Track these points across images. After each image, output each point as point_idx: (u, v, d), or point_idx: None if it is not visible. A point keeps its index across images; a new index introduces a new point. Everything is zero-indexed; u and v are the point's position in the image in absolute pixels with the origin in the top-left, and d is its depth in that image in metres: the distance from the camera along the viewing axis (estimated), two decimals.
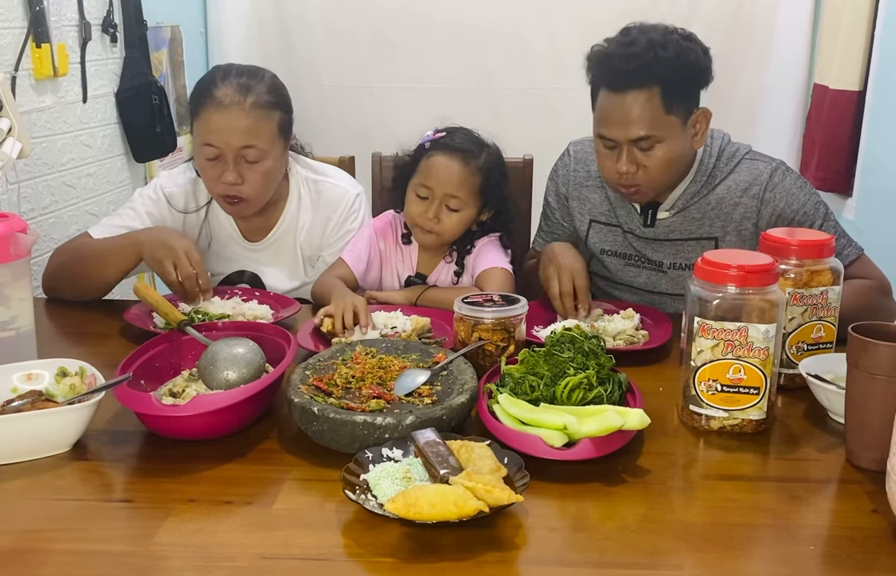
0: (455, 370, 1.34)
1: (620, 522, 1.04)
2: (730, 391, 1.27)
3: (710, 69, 1.70)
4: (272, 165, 1.85)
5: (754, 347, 1.25)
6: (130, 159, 2.72)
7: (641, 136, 1.65)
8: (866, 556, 0.98)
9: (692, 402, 1.30)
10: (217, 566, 0.95)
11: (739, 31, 3.27)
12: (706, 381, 1.28)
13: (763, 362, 1.25)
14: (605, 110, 1.69)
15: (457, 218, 1.84)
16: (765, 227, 1.71)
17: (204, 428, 1.21)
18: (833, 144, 2.99)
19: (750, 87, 3.31)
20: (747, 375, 1.26)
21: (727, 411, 1.28)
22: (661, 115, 1.64)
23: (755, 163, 1.77)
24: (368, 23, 3.38)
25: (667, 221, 1.80)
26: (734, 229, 1.76)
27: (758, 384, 1.26)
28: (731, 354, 1.26)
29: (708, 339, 1.27)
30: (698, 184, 1.77)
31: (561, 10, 3.21)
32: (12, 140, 1.57)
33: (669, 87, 1.64)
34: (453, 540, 0.98)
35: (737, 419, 1.28)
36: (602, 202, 1.89)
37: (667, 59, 1.63)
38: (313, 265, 1.99)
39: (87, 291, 1.84)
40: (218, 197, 1.88)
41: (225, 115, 1.78)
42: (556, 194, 1.96)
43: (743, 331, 1.24)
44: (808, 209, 1.71)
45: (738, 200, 1.75)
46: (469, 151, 1.84)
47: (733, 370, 1.26)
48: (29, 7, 2.17)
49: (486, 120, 1.95)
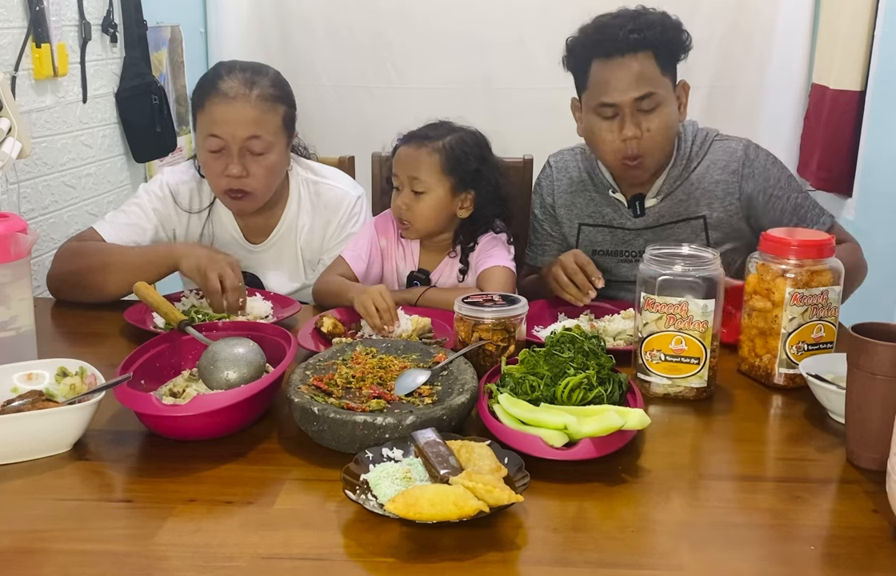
0: (455, 370, 1.34)
1: (620, 522, 1.04)
2: (672, 361, 1.37)
3: (688, 42, 1.79)
4: (276, 159, 1.85)
5: (694, 321, 1.35)
6: (130, 159, 2.72)
7: (644, 94, 1.71)
8: (866, 556, 0.97)
9: (640, 370, 1.41)
10: (217, 566, 0.95)
11: (739, 32, 3.27)
12: (651, 351, 1.38)
13: (702, 334, 1.35)
14: (605, 78, 1.74)
15: (426, 201, 1.83)
16: (746, 201, 1.82)
17: (204, 428, 1.21)
18: (833, 145, 2.98)
19: (750, 87, 3.31)
20: (688, 345, 1.36)
21: (670, 379, 1.38)
22: (658, 75, 1.73)
23: (726, 142, 1.86)
24: (368, 23, 3.38)
25: (655, 207, 1.85)
26: (719, 206, 1.82)
27: (698, 355, 1.36)
28: (672, 326, 1.36)
29: (652, 312, 1.38)
30: (679, 167, 1.84)
31: (560, 11, 3.20)
32: (12, 140, 1.57)
33: (661, 51, 1.73)
34: (453, 540, 0.98)
35: (679, 387, 1.38)
36: (588, 204, 1.92)
37: (655, 24, 1.74)
38: (314, 268, 1.99)
39: (100, 296, 1.81)
40: (221, 193, 1.87)
41: (230, 106, 1.78)
42: (541, 206, 2.00)
43: (683, 305, 1.35)
44: (783, 183, 1.81)
45: (719, 177, 1.83)
46: (427, 135, 1.85)
47: (675, 341, 1.37)
48: (29, 7, 2.16)
49: (485, 120, 1.95)
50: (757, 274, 1.44)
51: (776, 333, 1.40)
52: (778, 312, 1.39)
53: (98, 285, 1.80)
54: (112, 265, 1.80)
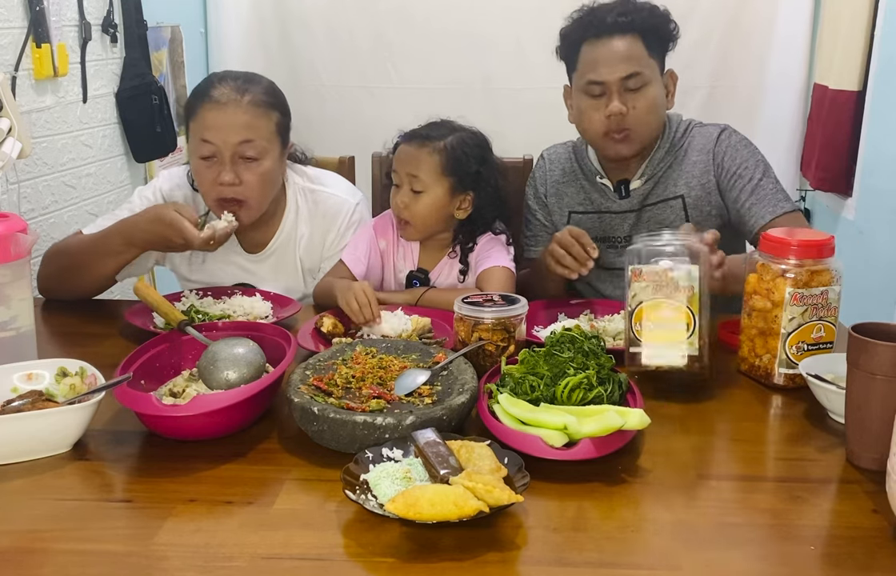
0: (455, 370, 1.34)
1: (620, 522, 1.04)
2: (662, 329, 1.38)
3: (676, 32, 1.86)
4: (270, 167, 1.82)
5: (680, 287, 1.37)
6: (130, 159, 2.72)
7: (630, 73, 1.78)
8: (866, 556, 0.97)
9: (632, 343, 1.41)
10: (217, 566, 0.95)
11: (739, 32, 3.27)
12: (641, 320, 1.40)
13: (689, 300, 1.37)
14: (593, 57, 1.82)
15: (424, 200, 1.83)
16: (716, 180, 1.88)
17: (204, 428, 1.22)
18: (832, 144, 2.98)
19: (750, 88, 3.31)
20: (676, 312, 1.38)
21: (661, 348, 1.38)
22: (645, 56, 1.80)
23: (706, 127, 1.94)
24: (368, 23, 3.38)
25: (639, 189, 1.91)
26: (697, 184, 1.89)
27: (686, 320, 1.37)
28: (660, 293, 1.38)
29: (640, 282, 1.40)
30: (663, 151, 1.91)
31: (559, 11, 3.21)
32: (12, 140, 1.57)
33: (648, 35, 1.81)
34: (453, 540, 0.98)
35: (671, 359, 1.37)
36: (577, 193, 1.98)
37: (643, 9, 1.83)
38: (314, 276, 1.97)
39: (81, 289, 1.82)
40: (214, 202, 1.82)
41: (222, 112, 1.76)
42: (535, 196, 2.05)
43: (668, 272, 1.38)
44: (749, 164, 1.86)
45: (697, 158, 1.90)
46: (428, 134, 1.85)
47: (663, 308, 1.38)
48: (29, 7, 2.17)
49: (485, 120, 1.95)
50: (757, 274, 1.44)
51: (776, 333, 1.40)
52: (778, 312, 1.39)
53: (75, 284, 1.82)
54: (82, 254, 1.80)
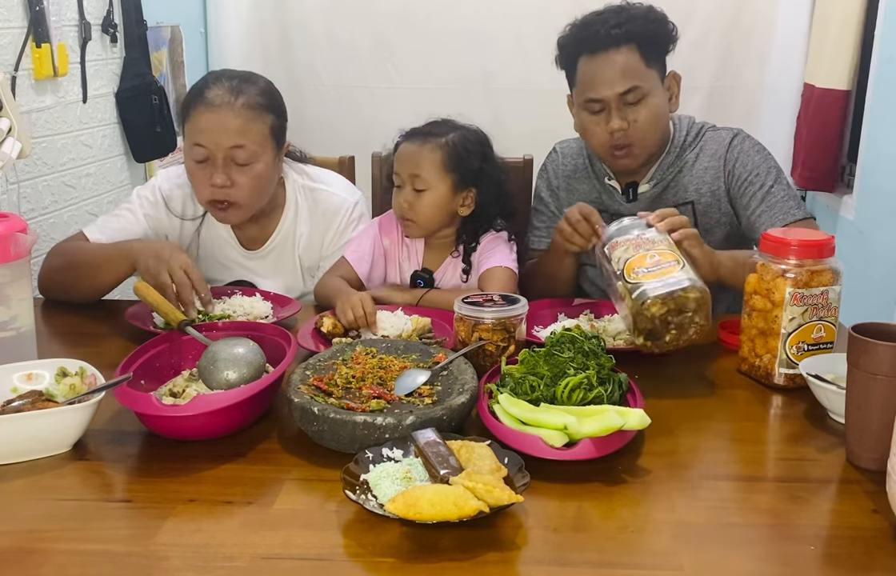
0: (455, 370, 1.34)
1: (620, 522, 1.04)
2: (654, 270, 1.43)
3: (674, 33, 1.84)
4: (263, 169, 1.81)
5: (655, 243, 1.48)
6: (130, 159, 2.72)
7: (629, 88, 1.76)
8: (866, 556, 0.97)
9: (633, 290, 1.43)
10: (217, 566, 0.95)
11: (739, 32, 3.27)
12: (633, 269, 1.46)
13: (669, 247, 1.48)
14: (590, 74, 1.80)
15: (427, 199, 1.82)
16: (726, 186, 1.86)
17: (204, 428, 1.21)
18: (820, 144, 2.99)
19: (749, 88, 3.31)
20: (661, 256, 1.45)
21: (661, 280, 1.41)
22: (642, 68, 1.78)
23: (718, 132, 1.92)
24: (368, 23, 3.38)
25: (648, 193, 1.90)
26: (707, 191, 1.87)
27: (674, 258, 1.45)
28: (641, 249, 1.48)
29: (619, 250, 1.50)
30: (672, 156, 1.89)
31: (559, 11, 3.20)
32: (12, 140, 1.57)
33: (645, 44, 1.78)
34: (453, 540, 0.98)
35: (675, 290, 1.39)
36: (590, 191, 1.97)
37: (638, 18, 1.79)
38: (313, 275, 1.97)
39: (80, 296, 1.83)
40: (206, 203, 1.83)
41: (214, 115, 1.75)
42: (548, 188, 2.03)
43: (640, 236, 1.50)
44: (760, 170, 1.83)
45: (708, 164, 1.88)
46: (429, 132, 1.85)
47: (649, 257, 1.46)
48: (29, 7, 2.17)
49: (485, 120, 1.95)
50: (757, 274, 1.44)
51: (776, 333, 1.40)
52: (778, 312, 1.39)
53: (72, 286, 1.82)
54: (78, 264, 1.81)
